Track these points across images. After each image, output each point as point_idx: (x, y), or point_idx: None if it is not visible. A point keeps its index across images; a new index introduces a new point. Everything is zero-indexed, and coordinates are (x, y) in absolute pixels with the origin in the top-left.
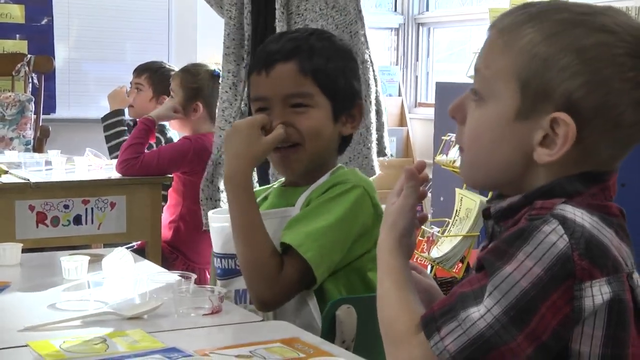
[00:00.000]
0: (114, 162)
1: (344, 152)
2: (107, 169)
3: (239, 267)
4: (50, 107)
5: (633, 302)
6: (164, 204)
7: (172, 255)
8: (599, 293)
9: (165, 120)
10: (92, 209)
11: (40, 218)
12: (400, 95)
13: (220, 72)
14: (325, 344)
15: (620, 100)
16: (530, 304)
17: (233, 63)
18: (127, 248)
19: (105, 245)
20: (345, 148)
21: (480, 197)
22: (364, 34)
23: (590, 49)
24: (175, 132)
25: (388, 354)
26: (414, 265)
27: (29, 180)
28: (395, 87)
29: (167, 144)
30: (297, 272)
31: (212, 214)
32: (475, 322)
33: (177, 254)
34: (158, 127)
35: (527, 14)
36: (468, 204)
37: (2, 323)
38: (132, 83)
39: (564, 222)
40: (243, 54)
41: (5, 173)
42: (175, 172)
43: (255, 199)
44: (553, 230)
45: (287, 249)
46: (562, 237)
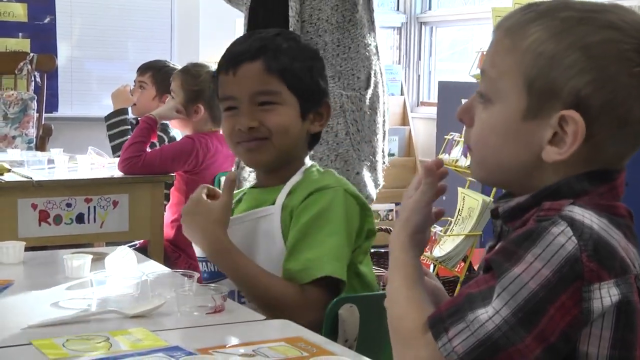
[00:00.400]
0: (117, 160)
1: (313, 149)
2: (109, 168)
3: None
4: (53, 105)
5: None
6: (167, 203)
7: (174, 254)
8: (607, 295)
9: (167, 120)
10: (94, 208)
11: (43, 216)
12: (403, 95)
13: None
14: (329, 343)
15: (628, 97)
16: (539, 306)
17: None
18: (129, 246)
19: (108, 244)
20: (314, 146)
21: (483, 196)
22: (376, 45)
23: (597, 46)
24: (178, 130)
25: (395, 352)
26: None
27: (32, 179)
28: (398, 86)
29: (169, 143)
30: (322, 287)
31: None
32: (484, 323)
33: (179, 253)
34: (161, 125)
35: (532, 13)
36: (470, 203)
37: (5, 321)
38: (135, 81)
39: (573, 223)
40: None
41: (8, 171)
42: (178, 171)
43: (237, 249)
44: (562, 232)
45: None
46: (570, 238)
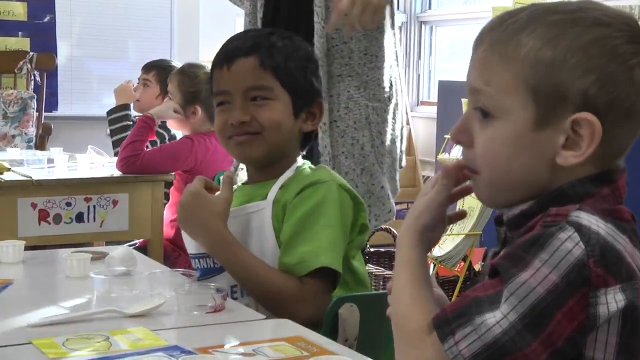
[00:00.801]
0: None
1: (306, 149)
2: (109, 167)
3: (218, 265)
4: (53, 104)
5: None
6: (166, 202)
7: (174, 254)
8: (614, 300)
9: (165, 119)
10: (94, 207)
11: (43, 216)
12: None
13: None
14: (329, 343)
15: (630, 90)
16: (546, 311)
17: None
18: (129, 246)
19: (108, 243)
20: (308, 146)
21: None
22: (396, 51)
23: (592, 45)
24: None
25: (398, 350)
26: None
27: (32, 178)
28: None
29: (170, 141)
30: (319, 279)
31: None
32: (491, 327)
33: (179, 252)
34: (162, 123)
35: (516, 24)
36: (470, 203)
37: (5, 321)
38: (140, 79)
39: (580, 229)
40: None
41: (8, 170)
42: (176, 170)
43: (238, 242)
44: (569, 238)
45: (302, 264)
46: (578, 244)
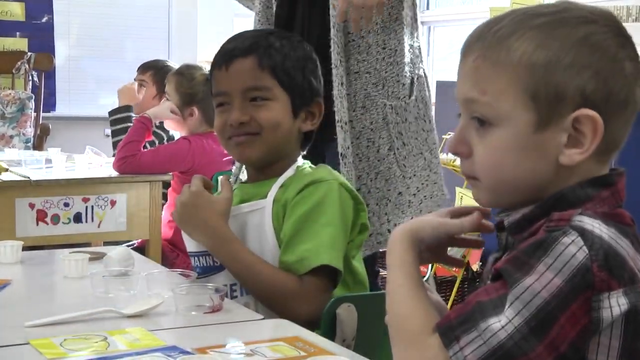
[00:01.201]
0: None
1: (306, 149)
2: (107, 167)
3: (217, 263)
4: (51, 104)
5: None
6: (164, 203)
7: (172, 254)
8: (617, 304)
9: (162, 119)
10: (92, 207)
11: (41, 216)
12: None
13: None
14: (327, 343)
15: (624, 81)
16: (551, 315)
17: None
18: (127, 246)
19: (106, 243)
20: (307, 146)
21: None
22: (419, 47)
23: (584, 42)
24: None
25: (397, 352)
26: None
27: (29, 178)
28: None
29: (168, 142)
30: (319, 277)
31: None
32: (496, 332)
33: (177, 252)
34: (160, 124)
35: (503, 30)
36: (468, 203)
37: (2, 321)
38: (136, 79)
39: (583, 233)
40: None
41: (6, 171)
42: (173, 171)
43: (239, 240)
44: (572, 242)
45: (301, 262)
46: (581, 248)
